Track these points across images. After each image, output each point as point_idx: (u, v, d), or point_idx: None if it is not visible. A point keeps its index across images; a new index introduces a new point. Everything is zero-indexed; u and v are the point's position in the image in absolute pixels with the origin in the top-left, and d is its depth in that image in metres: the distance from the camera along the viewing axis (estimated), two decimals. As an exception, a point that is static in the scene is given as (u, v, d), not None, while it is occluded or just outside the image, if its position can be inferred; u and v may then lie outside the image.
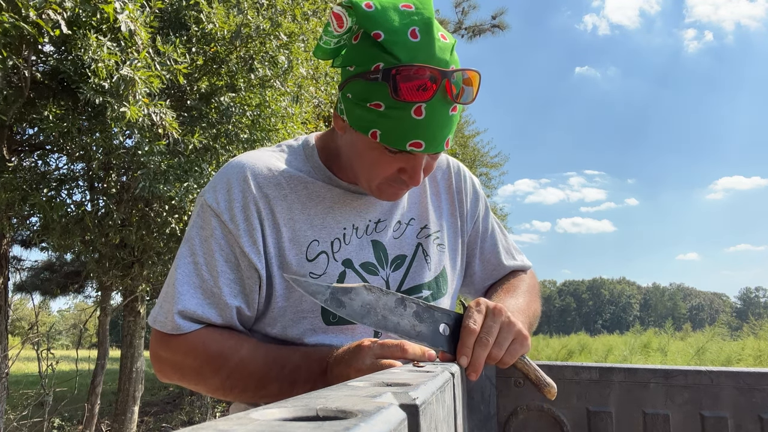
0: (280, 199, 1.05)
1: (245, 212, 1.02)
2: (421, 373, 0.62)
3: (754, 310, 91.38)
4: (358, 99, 0.95)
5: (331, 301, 0.85)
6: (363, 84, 0.93)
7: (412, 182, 1.00)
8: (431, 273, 1.16)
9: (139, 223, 5.03)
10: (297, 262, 1.04)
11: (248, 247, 1.01)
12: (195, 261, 1.03)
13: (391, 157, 0.98)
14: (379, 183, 1.02)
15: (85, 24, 3.55)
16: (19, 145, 5.39)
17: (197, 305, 1.00)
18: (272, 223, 1.04)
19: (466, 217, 1.26)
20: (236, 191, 1.03)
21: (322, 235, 1.06)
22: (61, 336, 29.68)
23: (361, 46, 0.94)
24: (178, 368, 1.04)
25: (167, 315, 1.01)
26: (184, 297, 1.00)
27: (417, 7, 0.94)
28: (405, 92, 0.89)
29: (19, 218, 5.43)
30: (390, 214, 1.15)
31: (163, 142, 4.03)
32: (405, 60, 0.89)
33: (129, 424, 6.37)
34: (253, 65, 4.56)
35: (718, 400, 1.05)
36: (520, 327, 0.92)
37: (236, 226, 1.02)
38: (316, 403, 0.37)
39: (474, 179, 1.32)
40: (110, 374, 12.40)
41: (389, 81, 0.89)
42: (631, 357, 11.13)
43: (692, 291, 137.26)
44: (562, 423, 1.08)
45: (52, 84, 4.30)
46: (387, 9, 0.93)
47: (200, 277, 1.02)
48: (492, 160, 17.42)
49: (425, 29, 0.92)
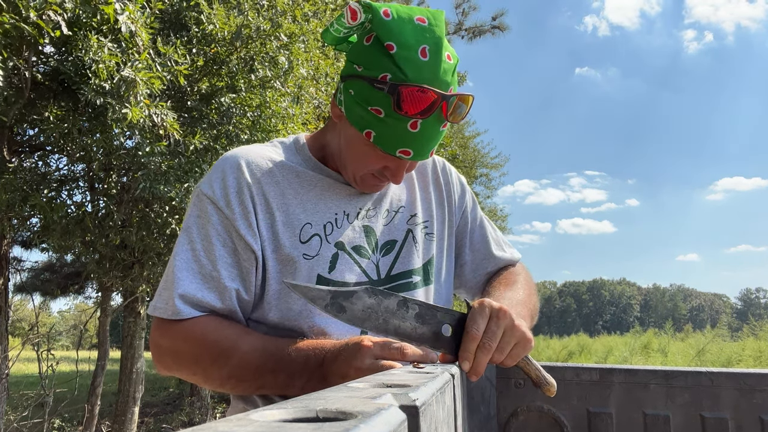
0: (272, 185, 1.09)
1: (240, 197, 1.06)
2: (421, 375, 0.62)
3: (755, 311, 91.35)
4: (360, 99, 1.00)
5: (332, 306, 0.84)
6: (367, 88, 0.99)
7: (393, 180, 1.09)
8: (420, 260, 1.19)
9: (139, 224, 5.03)
10: (291, 244, 1.07)
11: (244, 230, 1.04)
12: (193, 248, 1.05)
13: (379, 155, 1.05)
14: (363, 175, 1.10)
15: (85, 25, 3.55)
16: (19, 146, 5.39)
17: (197, 289, 1.02)
18: (265, 207, 1.07)
19: (454, 207, 1.30)
20: (230, 178, 1.07)
21: (314, 218, 1.10)
22: (62, 337, 29.69)
23: (372, 50, 0.99)
24: (177, 356, 1.04)
25: (167, 301, 1.02)
26: (184, 282, 1.02)
27: (430, 23, 1.00)
28: (406, 108, 0.96)
29: (20, 219, 5.43)
30: (379, 203, 1.19)
31: (164, 143, 4.04)
32: (411, 77, 0.96)
33: (129, 425, 6.37)
34: (254, 66, 4.56)
35: (719, 401, 1.05)
36: (524, 330, 0.92)
37: (231, 211, 1.05)
38: (316, 405, 0.37)
39: (460, 175, 1.37)
40: (110, 375, 12.40)
41: (394, 95, 0.96)
42: (632, 358, 11.13)
43: (692, 292, 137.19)
44: (563, 424, 1.08)
45: (53, 85, 4.30)
46: (403, 21, 0.98)
47: (198, 262, 1.04)
48: (492, 161, 17.41)
49: (435, 49, 0.98)
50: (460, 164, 13.87)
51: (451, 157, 11.70)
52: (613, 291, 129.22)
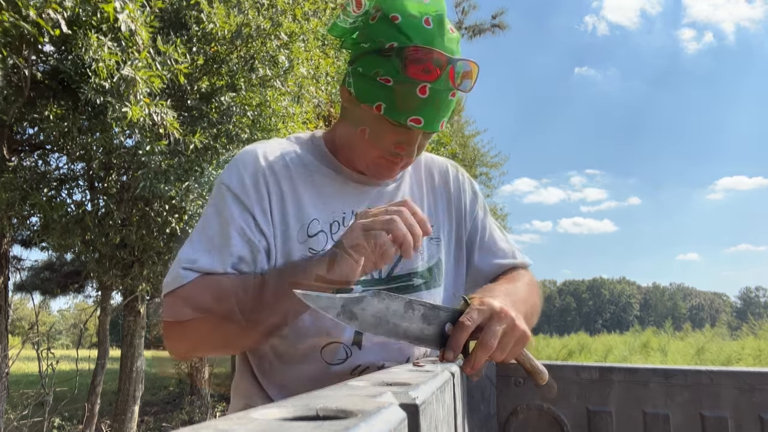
0: (287, 178, 1.12)
1: (256, 185, 1.09)
2: (421, 373, 0.62)
3: (754, 310, 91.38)
4: (369, 71, 1.03)
5: (343, 315, 0.84)
6: (375, 58, 1.02)
7: (407, 156, 1.09)
8: (423, 263, 1.19)
9: (139, 223, 5.03)
10: (299, 237, 1.09)
11: (259, 216, 1.07)
12: (207, 234, 1.06)
13: (390, 129, 1.06)
14: (375, 157, 1.10)
15: (85, 24, 3.55)
16: (19, 144, 5.39)
17: (204, 260, 1.02)
18: (279, 197, 1.10)
19: (464, 214, 1.30)
20: (248, 168, 1.10)
21: (322, 216, 1.12)
22: (62, 336, 29.73)
23: (378, 25, 1.03)
24: (183, 322, 1.02)
25: (173, 274, 1.02)
26: (191, 254, 1.03)
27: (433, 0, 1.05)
28: (413, 71, 0.98)
29: (20, 218, 5.43)
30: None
31: (164, 142, 4.03)
32: (417, 42, 0.99)
33: (129, 424, 6.38)
34: (254, 65, 4.56)
35: (719, 400, 1.05)
36: (524, 329, 0.93)
37: (248, 197, 1.07)
38: (316, 403, 0.37)
39: (472, 181, 1.37)
40: (110, 374, 12.40)
41: (401, 58, 0.98)
42: (631, 357, 11.13)
43: (692, 291, 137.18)
44: (562, 422, 1.08)
45: (53, 84, 4.30)
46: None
47: (210, 242, 1.05)
48: (492, 160, 17.42)
49: (438, 20, 1.02)
50: (460, 163, 13.83)
51: (451, 155, 11.69)
52: (613, 290, 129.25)
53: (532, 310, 1.18)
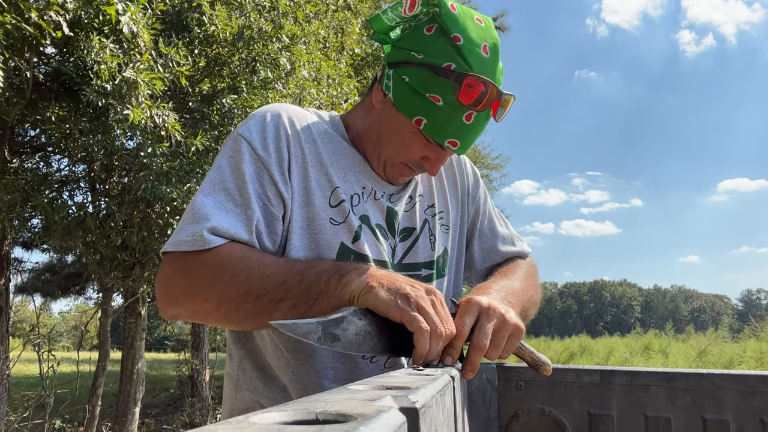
0: (310, 141, 1.08)
1: (277, 143, 1.04)
2: (421, 377, 0.62)
3: (756, 312, 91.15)
4: (418, 86, 1.01)
5: (325, 338, 0.79)
6: (429, 75, 1.00)
7: (430, 171, 1.09)
8: (434, 252, 1.19)
9: (140, 225, 5.03)
10: (321, 204, 1.05)
11: (278, 176, 1.02)
12: (226, 188, 1.00)
13: (423, 144, 1.06)
14: (397, 163, 1.10)
15: (87, 26, 3.56)
16: (20, 146, 5.40)
17: (230, 224, 0.96)
18: (301, 159, 1.06)
19: (467, 199, 1.31)
20: (270, 124, 1.06)
21: (344, 186, 1.09)
22: (62, 338, 29.73)
23: (436, 40, 1.01)
24: (190, 283, 0.96)
25: (194, 234, 0.94)
26: (216, 217, 0.96)
27: (487, 25, 1.05)
28: (468, 98, 0.99)
29: (21, 220, 5.44)
30: (404, 188, 1.19)
31: (166, 144, 4.04)
32: (476, 70, 0.99)
33: (130, 426, 6.37)
34: (255, 67, 4.57)
35: (720, 404, 1.05)
36: (515, 322, 0.92)
37: (268, 154, 1.03)
38: (315, 407, 0.37)
39: (473, 166, 1.38)
40: (111, 376, 12.39)
41: (458, 84, 0.98)
42: (632, 359, 11.10)
43: (694, 293, 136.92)
44: (564, 426, 1.08)
45: (54, 86, 4.31)
46: (467, 17, 1.03)
47: (233, 200, 0.99)
48: (493, 161, 17.43)
49: (494, 49, 1.03)
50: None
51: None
52: (614, 292, 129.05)
53: (529, 301, 1.17)
